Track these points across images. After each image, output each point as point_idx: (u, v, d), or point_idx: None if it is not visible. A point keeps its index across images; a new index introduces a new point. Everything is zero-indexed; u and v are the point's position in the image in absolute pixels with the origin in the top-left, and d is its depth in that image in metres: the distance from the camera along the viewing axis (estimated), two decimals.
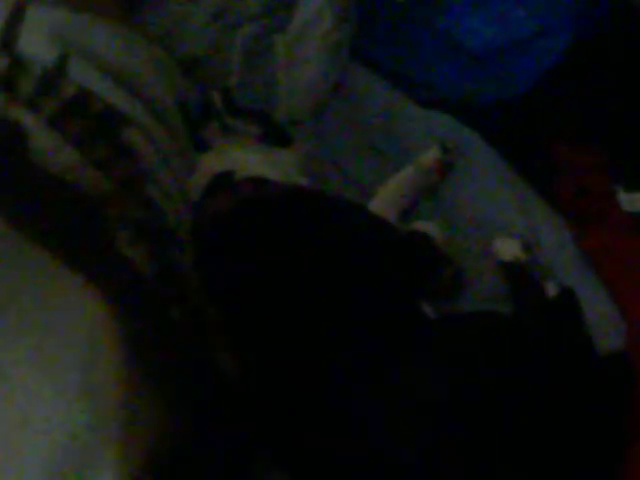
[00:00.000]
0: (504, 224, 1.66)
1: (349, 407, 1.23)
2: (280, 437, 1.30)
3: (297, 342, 1.28)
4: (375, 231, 1.50)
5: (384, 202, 1.64)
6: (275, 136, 1.69)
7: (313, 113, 1.87)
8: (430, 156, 1.71)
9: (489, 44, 1.97)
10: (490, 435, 1.21)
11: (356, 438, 1.22)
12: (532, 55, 1.96)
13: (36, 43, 1.32)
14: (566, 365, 1.36)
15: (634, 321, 1.53)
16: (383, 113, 1.88)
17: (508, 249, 1.59)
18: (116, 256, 1.14)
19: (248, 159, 1.59)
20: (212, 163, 1.59)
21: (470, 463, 1.20)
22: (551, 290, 1.54)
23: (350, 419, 1.23)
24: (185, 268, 1.29)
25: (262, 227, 1.40)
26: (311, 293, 1.32)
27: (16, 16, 1.32)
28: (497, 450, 1.21)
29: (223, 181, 1.51)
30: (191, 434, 1.08)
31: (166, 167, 1.40)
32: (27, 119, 1.22)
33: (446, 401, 1.23)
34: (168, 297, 1.17)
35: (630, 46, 2.02)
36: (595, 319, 1.52)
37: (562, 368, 1.35)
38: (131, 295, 1.09)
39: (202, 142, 1.67)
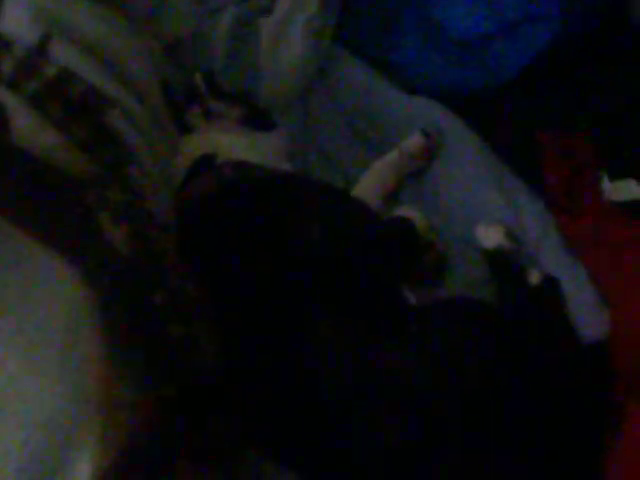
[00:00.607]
0: (487, 210, 1.66)
1: (332, 393, 1.23)
2: (262, 421, 1.30)
3: (278, 325, 1.28)
4: (357, 216, 1.50)
5: (367, 187, 1.64)
6: (257, 120, 1.68)
7: (296, 97, 1.86)
8: (413, 141, 1.71)
9: (475, 30, 1.96)
10: (471, 421, 1.22)
11: (339, 424, 1.22)
12: (519, 42, 1.95)
13: (18, 22, 1.31)
14: (547, 352, 1.37)
15: (617, 309, 1.53)
16: (366, 98, 1.87)
17: (491, 236, 1.59)
18: (97, 237, 1.13)
19: (230, 142, 1.58)
20: (194, 146, 1.58)
21: (452, 449, 1.21)
22: (534, 278, 1.54)
23: (332, 405, 1.23)
24: (167, 250, 1.28)
25: (243, 210, 1.40)
26: (292, 277, 1.32)
27: None
28: (478, 435, 1.21)
29: (205, 164, 1.50)
30: (172, 419, 1.08)
31: (148, 149, 1.39)
32: (9, 100, 1.21)
33: (428, 387, 1.23)
34: (149, 279, 1.16)
35: (618, 33, 2.02)
36: (578, 308, 1.53)
37: (543, 355, 1.35)
38: (111, 277, 1.08)
39: (185, 125, 1.67)
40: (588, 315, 1.52)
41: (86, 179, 1.20)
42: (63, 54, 1.32)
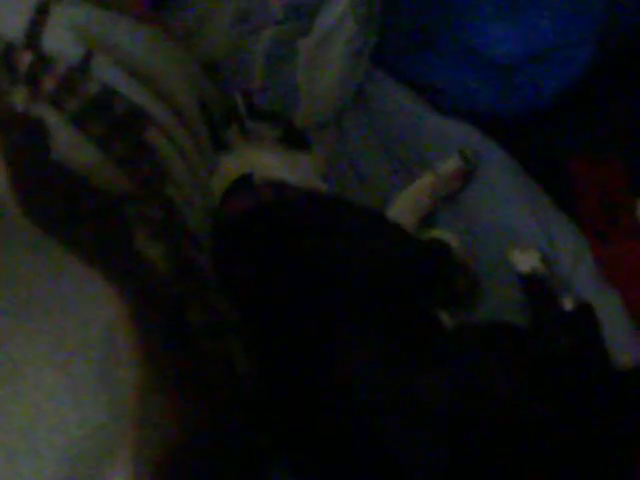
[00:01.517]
0: (522, 234, 1.65)
1: (366, 416, 1.23)
2: (294, 442, 1.31)
3: (313, 342, 1.28)
4: (393, 238, 1.50)
5: (403, 209, 1.63)
6: (295, 140, 1.68)
7: (333, 118, 1.87)
8: (450, 164, 1.71)
9: (512, 54, 1.96)
10: (504, 449, 1.21)
11: (372, 447, 1.22)
12: (554, 67, 1.95)
13: (61, 40, 1.33)
14: (583, 380, 1.36)
15: None
16: (403, 120, 1.87)
17: (527, 260, 1.58)
18: (134, 255, 1.14)
19: (268, 162, 1.58)
20: (232, 165, 1.58)
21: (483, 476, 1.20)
22: (568, 304, 1.53)
23: (367, 427, 1.22)
24: (203, 269, 1.29)
25: (280, 231, 1.40)
26: (327, 298, 1.32)
27: (41, 12, 1.33)
28: (511, 463, 1.20)
29: (243, 184, 1.51)
30: (207, 435, 1.08)
31: (186, 168, 1.40)
32: (50, 116, 1.23)
33: (462, 414, 1.22)
34: (185, 297, 1.17)
35: None
36: (612, 334, 1.52)
37: (579, 383, 1.34)
38: (148, 294, 1.09)
39: (223, 144, 1.67)
40: (623, 341, 1.51)
41: (125, 196, 1.21)
42: (105, 72, 1.34)
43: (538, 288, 1.56)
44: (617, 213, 1.75)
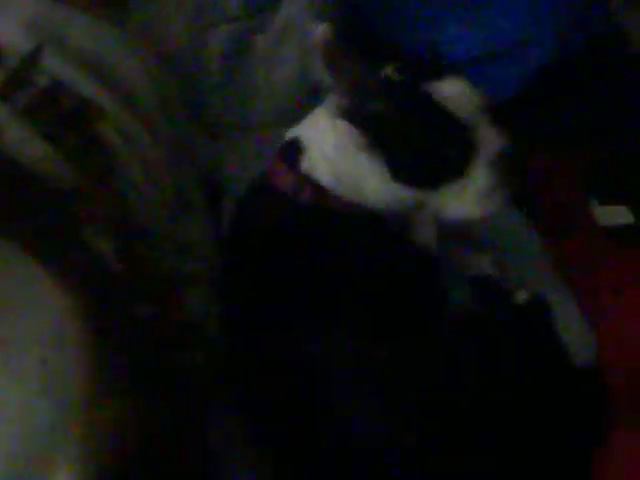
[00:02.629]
0: (474, 233, 1.65)
1: (331, 395, 1.24)
2: (259, 415, 1.32)
3: (287, 331, 1.28)
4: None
5: None
6: None
7: (291, 113, 1.85)
8: None
9: (471, 54, 1.97)
10: (465, 435, 1.23)
11: (337, 427, 1.23)
12: (511, 66, 1.96)
13: (10, 33, 1.31)
14: (535, 365, 1.36)
15: (607, 334, 1.53)
16: None
17: (477, 263, 1.59)
18: (83, 250, 1.12)
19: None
20: None
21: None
22: (521, 298, 1.53)
23: (331, 407, 1.24)
24: (157, 269, 1.28)
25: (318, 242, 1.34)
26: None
27: None
28: (471, 449, 1.22)
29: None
30: (158, 434, 1.07)
31: (141, 163, 1.38)
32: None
33: (430, 395, 1.24)
34: (133, 293, 1.16)
35: (610, 59, 2.03)
36: (566, 331, 1.52)
37: (532, 368, 1.35)
38: (97, 290, 1.08)
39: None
40: (577, 342, 1.51)
41: (74, 190, 1.19)
42: (55, 65, 1.31)
43: (488, 290, 1.56)
44: (573, 211, 1.76)
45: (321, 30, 1.18)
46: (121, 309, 1.12)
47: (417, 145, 1.24)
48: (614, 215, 1.78)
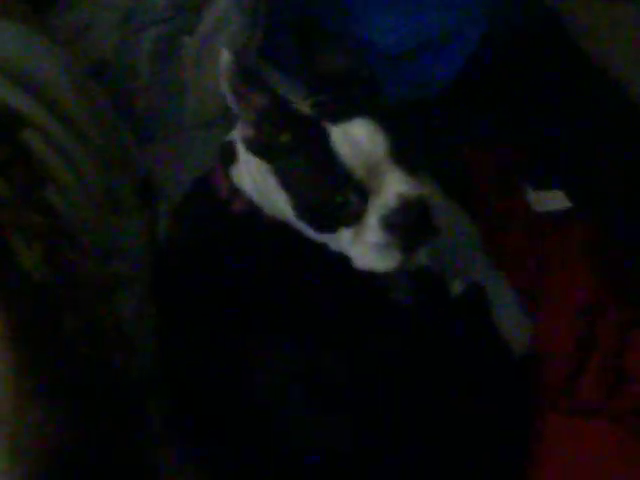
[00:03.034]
0: None
1: (266, 399, 1.24)
2: (194, 434, 1.31)
3: (225, 340, 1.28)
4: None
5: None
6: None
7: (221, 114, 1.85)
8: None
9: (400, 44, 1.98)
10: (401, 426, 1.24)
11: (273, 431, 1.23)
12: (443, 56, 1.97)
13: None
14: (472, 354, 1.38)
15: (542, 322, 1.54)
16: None
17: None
18: (8, 260, 1.11)
19: None
20: None
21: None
22: (457, 287, 1.55)
23: (267, 411, 1.24)
24: (85, 275, 1.27)
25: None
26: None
27: None
28: (404, 440, 1.23)
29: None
30: (85, 442, 1.07)
31: (70, 171, 1.37)
32: None
33: (366, 394, 1.25)
34: (61, 304, 1.15)
35: (543, 47, 2.05)
36: (504, 319, 1.54)
37: (469, 358, 1.36)
38: (23, 302, 1.07)
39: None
40: (513, 327, 1.53)
41: (0, 201, 1.18)
42: None
43: (425, 281, 1.57)
44: (508, 197, 1.78)
45: (225, 59, 1.16)
46: (49, 319, 1.11)
47: (307, 187, 1.21)
48: (550, 200, 1.80)
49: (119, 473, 1.14)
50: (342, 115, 1.19)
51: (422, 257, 1.58)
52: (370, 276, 1.26)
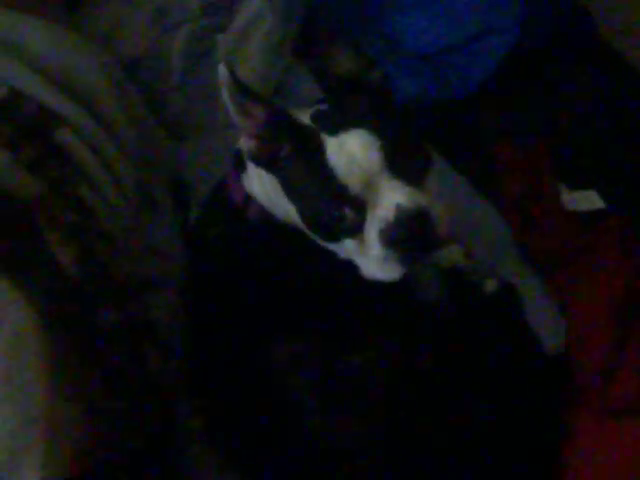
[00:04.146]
0: None
1: (293, 403, 1.24)
2: (224, 437, 1.31)
3: (250, 343, 1.28)
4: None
5: None
6: None
7: None
8: None
9: (434, 44, 1.97)
10: (432, 424, 1.24)
11: (305, 436, 1.23)
12: (477, 54, 1.96)
13: None
14: (505, 354, 1.37)
15: (576, 319, 1.53)
16: None
17: (448, 255, 1.59)
18: (45, 258, 1.12)
19: None
20: None
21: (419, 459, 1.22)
22: (491, 287, 1.54)
23: (296, 416, 1.24)
24: (119, 273, 1.27)
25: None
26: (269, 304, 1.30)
27: None
28: (436, 440, 1.23)
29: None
30: (118, 437, 1.08)
31: (103, 168, 1.38)
32: None
33: (396, 394, 1.25)
34: (95, 300, 1.16)
35: (575, 46, 2.04)
36: (537, 317, 1.53)
37: (502, 357, 1.36)
38: (57, 297, 1.08)
39: None
40: (546, 326, 1.52)
41: (35, 199, 1.19)
42: (12, 74, 1.31)
43: (458, 280, 1.57)
44: (541, 197, 1.77)
45: (223, 73, 1.13)
46: (83, 316, 1.12)
47: (307, 199, 1.20)
48: (584, 200, 1.79)
49: (152, 473, 1.14)
50: (339, 126, 1.17)
51: (456, 256, 1.59)
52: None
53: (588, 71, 2.02)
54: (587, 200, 1.78)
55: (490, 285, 1.55)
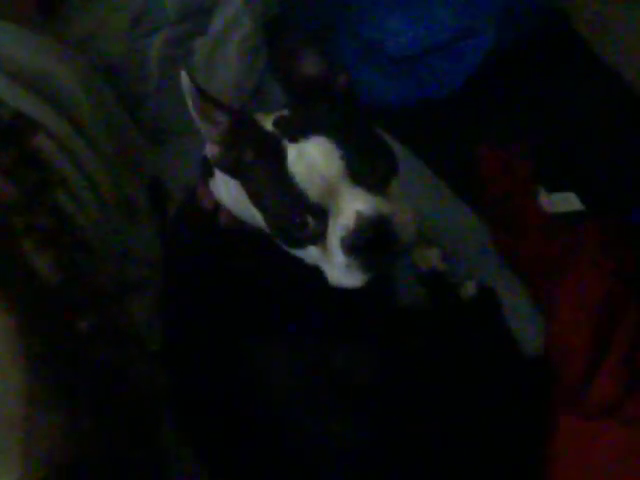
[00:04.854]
0: (423, 229, 1.65)
1: (280, 403, 1.24)
2: (207, 440, 1.30)
3: (231, 344, 1.28)
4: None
5: None
6: None
7: None
8: None
9: (411, 47, 1.98)
10: (415, 424, 1.24)
11: (286, 427, 1.23)
12: (455, 57, 1.97)
13: None
14: (484, 356, 1.37)
15: (556, 323, 1.54)
16: None
17: (426, 258, 1.59)
18: (22, 266, 1.12)
19: None
20: None
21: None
22: (469, 290, 1.54)
23: (282, 416, 1.23)
24: (97, 278, 1.27)
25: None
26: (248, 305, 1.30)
27: None
28: (420, 439, 1.23)
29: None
30: (96, 453, 1.07)
31: (80, 174, 1.37)
32: None
33: (384, 389, 1.25)
34: (73, 305, 1.15)
35: (553, 47, 2.05)
36: (516, 320, 1.54)
37: (481, 360, 1.36)
38: (36, 305, 1.07)
39: None
40: (525, 329, 1.52)
41: (10, 205, 1.18)
42: None
43: (437, 283, 1.57)
44: (520, 200, 1.77)
45: (185, 81, 1.13)
46: (61, 322, 1.11)
47: (269, 206, 1.19)
48: (562, 202, 1.79)
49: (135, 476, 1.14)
50: (300, 133, 1.15)
51: (434, 259, 1.60)
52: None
53: (566, 72, 2.03)
54: (566, 202, 1.79)
55: (469, 288, 1.56)
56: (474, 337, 1.43)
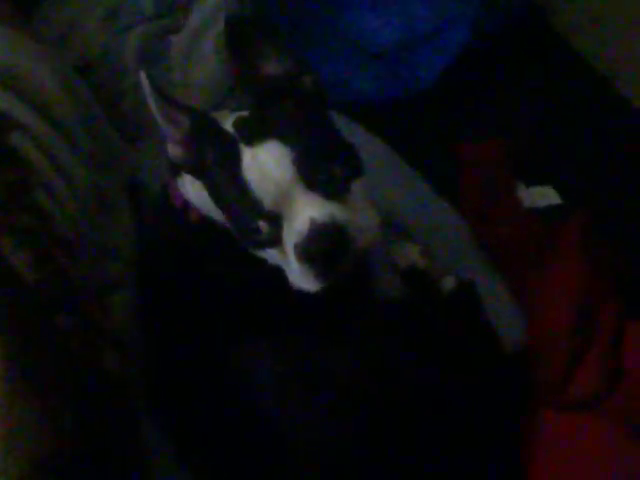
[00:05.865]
0: (403, 225, 1.65)
1: (267, 395, 1.23)
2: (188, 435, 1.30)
3: (218, 341, 1.27)
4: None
5: None
6: None
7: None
8: None
9: (389, 43, 1.98)
10: (394, 419, 1.23)
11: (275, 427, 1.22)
12: (433, 50, 1.97)
13: None
14: (464, 351, 1.38)
15: (535, 317, 1.54)
16: None
17: (406, 254, 1.59)
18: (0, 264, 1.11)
19: None
20: None
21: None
22: (449, 284, 1.54)
23: (267, 410, 1.23)
24: (77, 276, 1.26)
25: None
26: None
27: None
28: (405, 436, 1.23)
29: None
30: (77, 439, 1.06)
31: (58, 172, 1.36)
32: None
33: (370, 390, 1.24)
34: (52, 303, 1.14)
35: (529, 42, 2.05)
36: (496, 316, 1.53)
37: (460, 354, 1.36)
38: (13, 303, 1.06)
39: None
40: (506, 323, 1.52)
41: None
42: None
43: (417, 279, 1.56)
44: (500, 194, 1.77)
45: (145, 82, 1.13)
46: (41, 321, 1.10)
47: (228, 208, 1.20)
48: (541, 196, 1.80)
49: (113, 474, 1.13)
50: (255, 136, 1.14)
51: (414, 255, 1.59)
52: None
53: (542, 67, 2.03)
54: (544, 196, 1.80)
55: (448, 283, 1.55)
56: (454, 331, 1.43)
